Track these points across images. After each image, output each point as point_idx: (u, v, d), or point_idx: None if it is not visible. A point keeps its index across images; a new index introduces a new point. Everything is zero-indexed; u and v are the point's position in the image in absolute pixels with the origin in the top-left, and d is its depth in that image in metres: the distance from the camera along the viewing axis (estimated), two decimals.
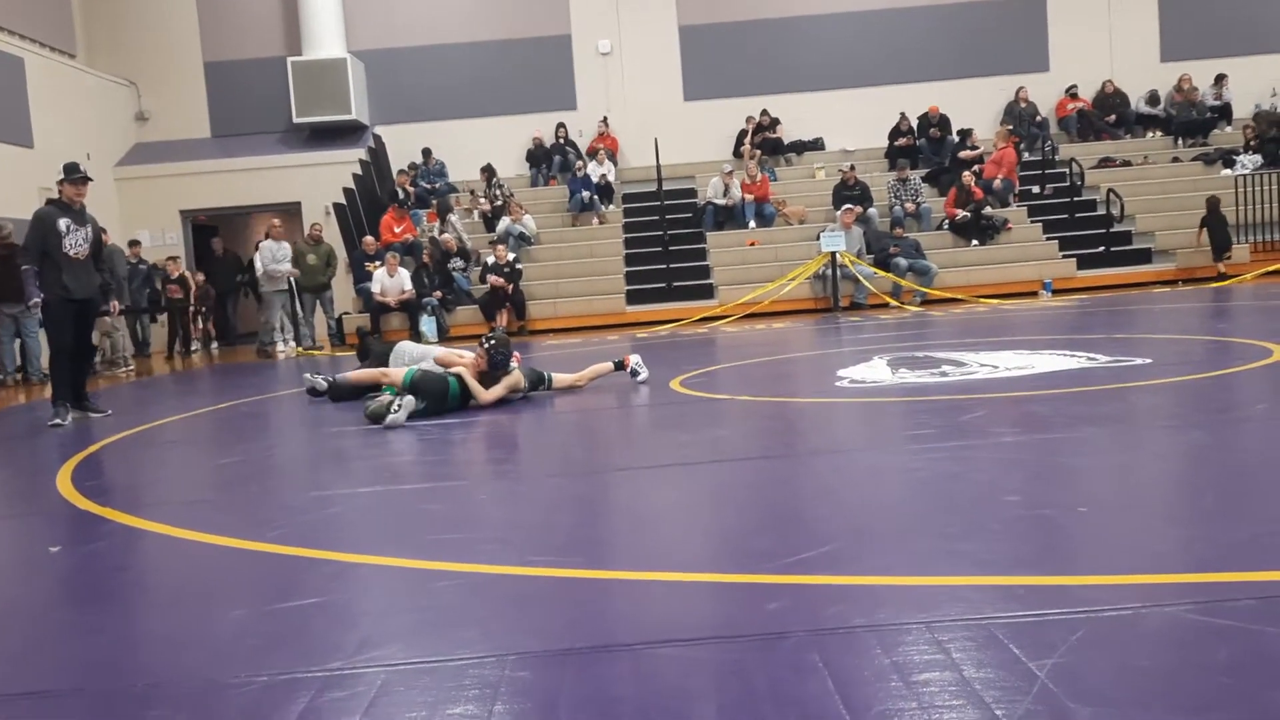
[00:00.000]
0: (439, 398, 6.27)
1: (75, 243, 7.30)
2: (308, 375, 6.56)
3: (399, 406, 5.89)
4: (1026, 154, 17.22)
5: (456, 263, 15.14)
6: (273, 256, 13.98)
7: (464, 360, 6.62)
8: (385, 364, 7.13)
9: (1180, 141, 17.53)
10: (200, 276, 16.01)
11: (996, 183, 15.93)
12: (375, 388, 6.64)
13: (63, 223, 7.26)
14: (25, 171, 14.51)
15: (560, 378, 6.98)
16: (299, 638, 2.48)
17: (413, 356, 7.09)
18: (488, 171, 17.20)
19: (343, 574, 3.00)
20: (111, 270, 10.48)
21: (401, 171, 17.40)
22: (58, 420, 7.23)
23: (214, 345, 16.05)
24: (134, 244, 15.36)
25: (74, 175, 7.38)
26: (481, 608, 2.62)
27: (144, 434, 6.74)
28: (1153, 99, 17.84)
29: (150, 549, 3.63)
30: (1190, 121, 17.49)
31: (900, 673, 2.02)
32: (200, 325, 15.92)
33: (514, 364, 6.67)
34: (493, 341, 6.47)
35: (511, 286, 14.45)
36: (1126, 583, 2.45)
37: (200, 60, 18.12)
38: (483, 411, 6.31)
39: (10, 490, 5.20)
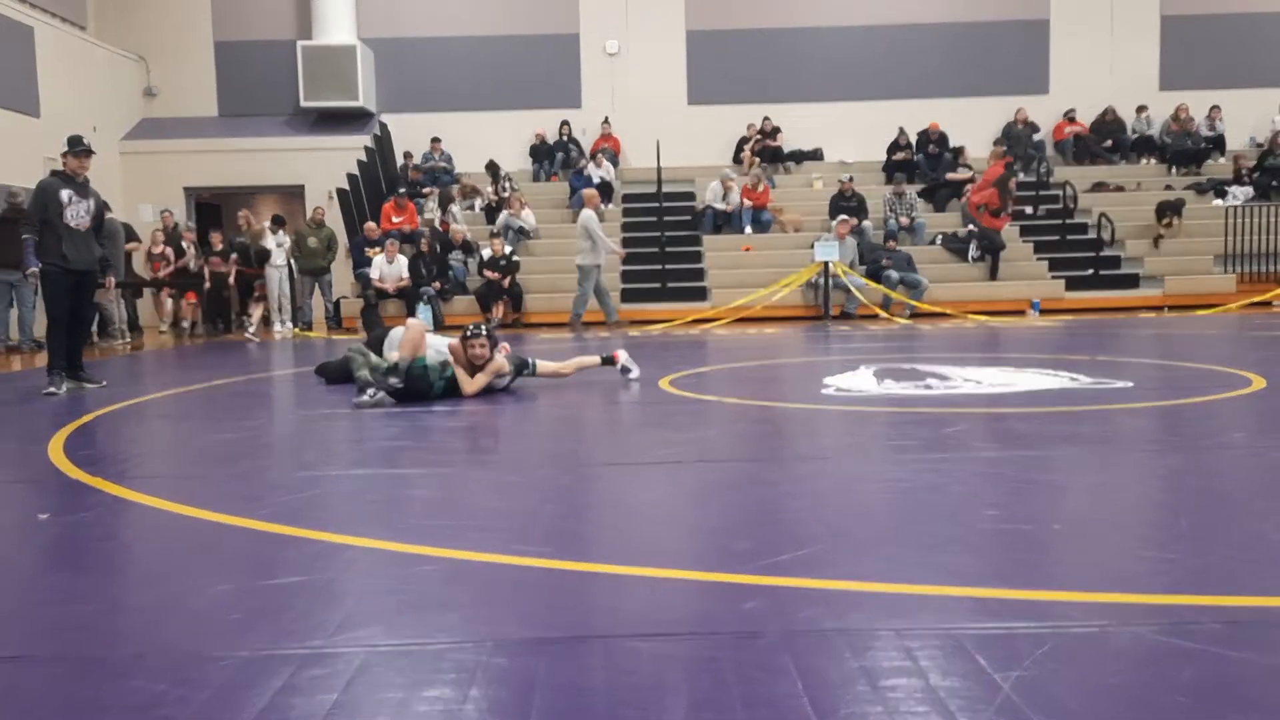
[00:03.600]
0: (422, 394, 6.33)
1: (77, 214, 7.34)
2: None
3: (374, 394, 6.06)
4: (1021, 174, 17.31)
5: (457, 254, 15.16)
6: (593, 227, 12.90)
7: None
8: (379, 347, 7.16)
9: (1174, 170, 17.65)
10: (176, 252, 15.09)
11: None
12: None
13: (65, 194, 7.30)
14: (31, 140, 14.49)
15: (545, 365, 7.02)
16: (281, 615, 2.51)
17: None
18: (492, 169, 17.21)
19: (327, 554, 3.03)
20: (108, 241, 10.48)
21: (416, 167, 17.39)
22: (52, 389, 7.24)
23: (179, 324, 15.09)
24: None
25: (77, 148, 7.41)
26: (462, 594, 2.65)
27: (137, 407, 6.76)
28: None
29: (138, 521, 3.66)
30: (1185, 151, 17.61)
31: (868, 677, 2.06)
32: (172, 305, 15.13)
33: (500, 353, 6.70)
34: (470, 328, 6.51)
35: (509, 279, 14.47)
36: (1096, 601, 2.49)
37: (211, 39, 18.12)
38: (473, 401, 6.35)
39: (2, 457, 5.21)
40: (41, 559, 3.24)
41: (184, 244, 15.13)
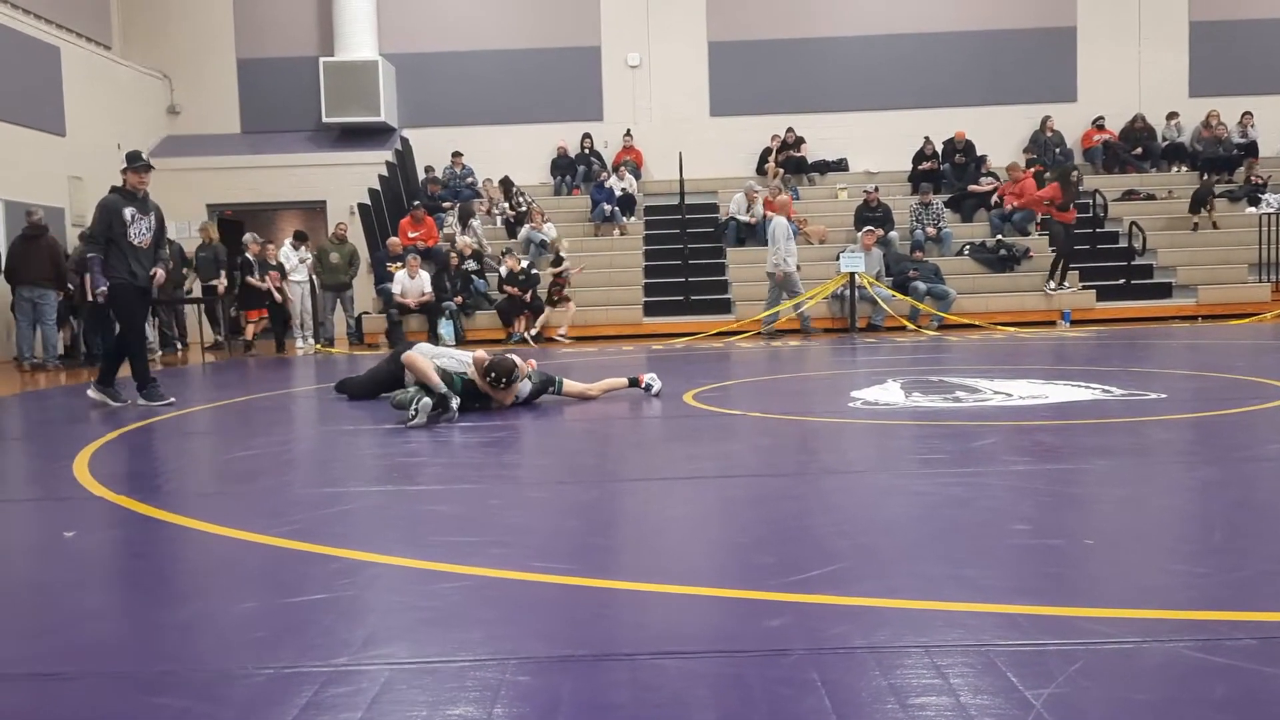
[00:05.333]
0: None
1: (139, 231, 7.40)
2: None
3: (416, 411, 5.93)
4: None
5: (470, 264, 15.20)
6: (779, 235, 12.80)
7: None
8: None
9: (1206, 177, 17.46)
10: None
11: (1016, 215, 15.93)
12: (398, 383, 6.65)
13: (128, 211, 7.35)
14: (56, 159, 14.70)
15: (571, 384, 6.98)
16: (305, 632, 2.51)
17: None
18: (504, 184, 17.29)
19: (351, 571, 3.03)
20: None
21: (434, 180, 17.50)
22: (151, 400, 7.40)
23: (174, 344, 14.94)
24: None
25: (137, 163, 7.46)
26: (485, 610, 2.64)
27: (162, 424, 6.81)
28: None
29: (163, 538, 3.67)
30: (1216, 158, 17.43)
31: (897, 695, 2.03)
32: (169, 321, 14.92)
33: (527, 368, 6.70)
34: (493, 374, 6.44)
35: (530, 293, 14.51)
36: (1128, 616, 2.45)
37: (233, 57, 18.34)
38: (497, 416, 6.35)
39: (29, 475, 5.27)
40: (68, 577, 3.26)
41: (247, 256, 14.58)
